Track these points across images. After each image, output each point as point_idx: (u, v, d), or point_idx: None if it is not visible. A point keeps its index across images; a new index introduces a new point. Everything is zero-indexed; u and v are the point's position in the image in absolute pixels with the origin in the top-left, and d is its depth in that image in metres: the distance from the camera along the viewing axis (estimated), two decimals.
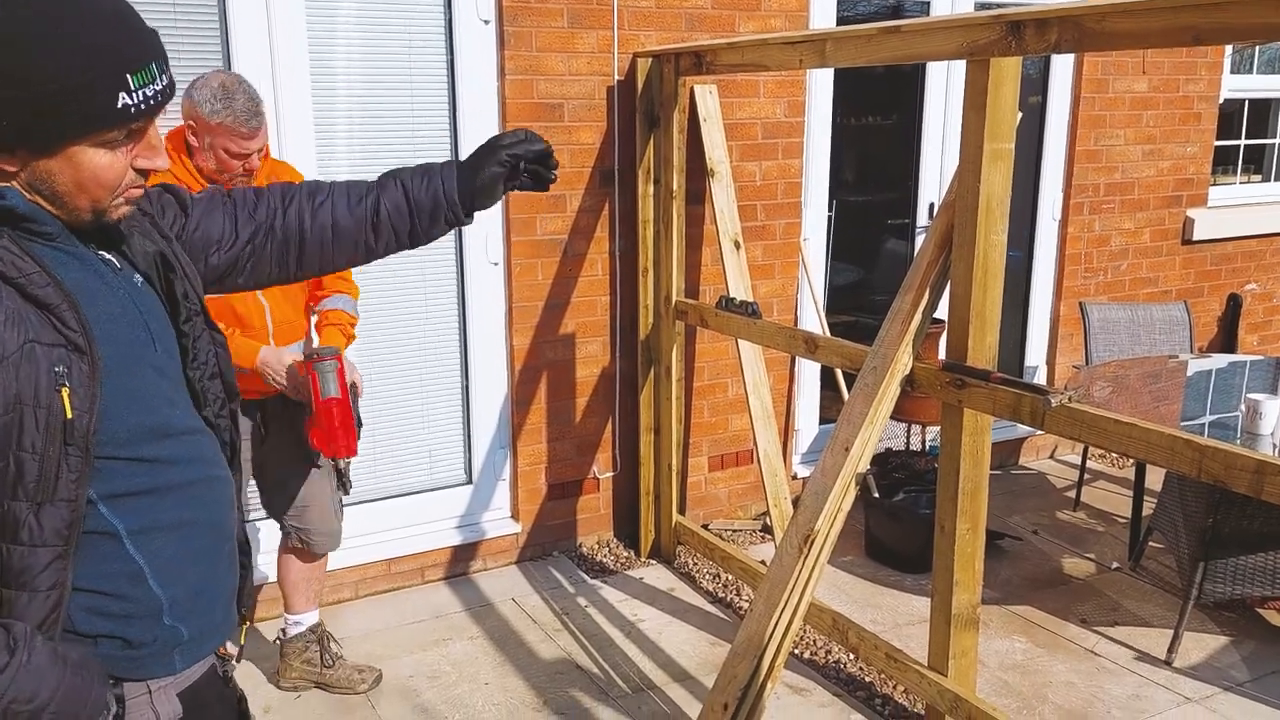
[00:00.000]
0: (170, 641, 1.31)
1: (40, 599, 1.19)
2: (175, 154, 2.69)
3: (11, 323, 1.13)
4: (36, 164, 1.18)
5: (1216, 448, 2.08)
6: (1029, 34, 2.29)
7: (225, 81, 2.64)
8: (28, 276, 1.15)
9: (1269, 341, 5.88)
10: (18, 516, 1.16)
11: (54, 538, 1.18)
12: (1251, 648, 3.48)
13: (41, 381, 1.14)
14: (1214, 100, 5.27)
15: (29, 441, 1.14)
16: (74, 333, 1.17)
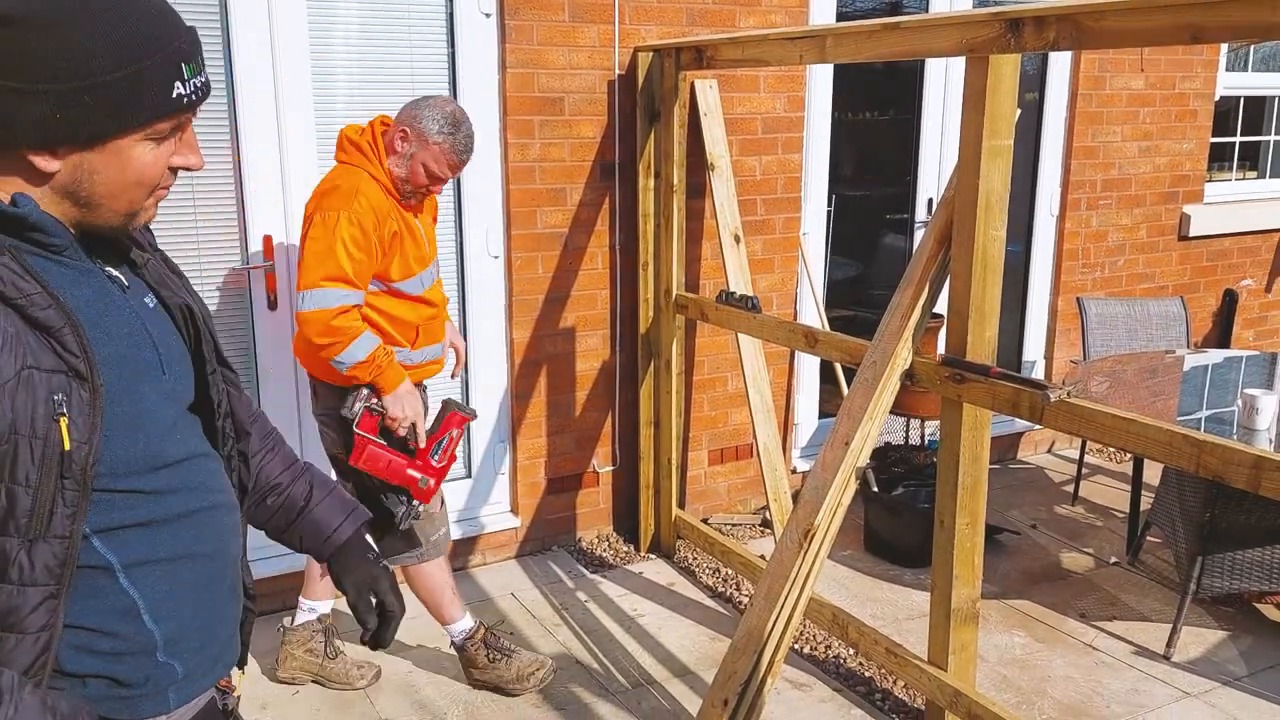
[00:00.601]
0: (164, 680, 1.24)
1: (29, 641, 1.11)
2: (373, 151, 2.80)
3: (9, 348, 1.06)
4: (82, 161, 1.13)
5: (1214, 443, 2.10)
6: (1028, 31, 2.30)
7: (455, 112, 2.83)
8: (29, 297, 1.09)
9: (1265, 337, 5.90)
10: (7, 553, 1.09)
11: (45, 576, 1.11)
12: (1249, 642, 3.50)
13: (39, 410, 1.07)
14: (1210, 97, 5.28)
15: (22, 474, 1.07)
16: (75, 358, 1.10)
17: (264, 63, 3.35)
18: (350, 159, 2.82)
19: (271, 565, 3.61)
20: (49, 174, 1.13)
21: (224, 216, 3.43)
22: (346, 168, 2.82)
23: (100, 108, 1.10)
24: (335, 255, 2.68)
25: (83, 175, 1.14)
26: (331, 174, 2.83)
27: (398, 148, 2.82)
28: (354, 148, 2.82)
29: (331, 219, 2.69)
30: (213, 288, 3.46)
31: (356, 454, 2.82)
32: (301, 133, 3.45)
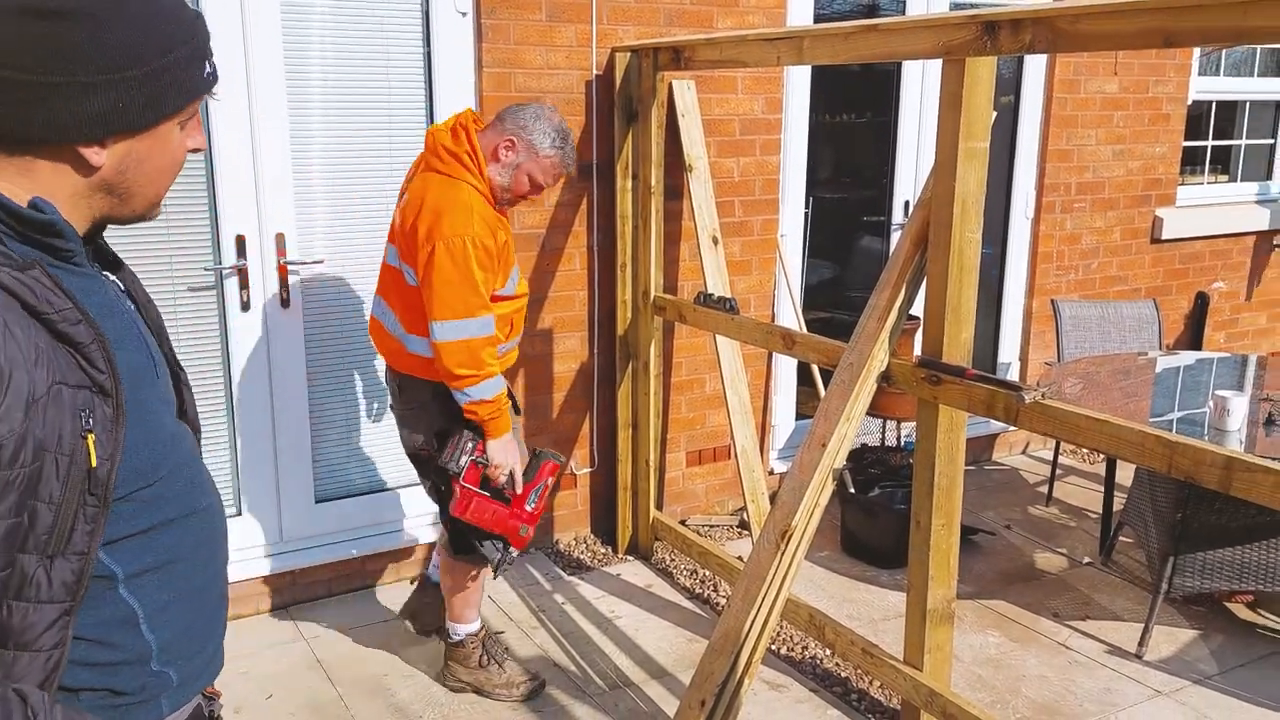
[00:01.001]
0: (158, 688, 1.23)
1: (41, 660, 1.09)
2: (473, 161, 2.76)
3: (42, 363, 1.04)
4: (130, 150, 1.14)
5: (1186, 444, 2.12)
6: (1004, 34, 2.31)
7: (563, 125, 2.88)
8: (60, 312, 1.07)
9: (1235, 339, 5.96)
10: (26, 571, 1.06)
11: (62, 592, 1.09)
12: (1220, 641, 3.53)
13: (66, 427, 1.05)
14: (1182, 101, 5.34)
15: (46, 491, 1.05)
16: (101, 374, 1.09)
17: (237, 60, 3.32)
18: (448, 169, 2.75)
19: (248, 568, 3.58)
20: (94, 168, 1.12)
21: (196, 216, 3.40)
22: (446, 180, 2.74)
23: (154, 93, 1.12)
24: (472, 283, 2.67)
25: (129, 164, 1.15)
26: (434, 189, 2.73)
27: (502, 157, 2.80)
28: (452, 157, 2.75)
29: (458, 247, 2.65)
30: (184, 288, 3.43)
31: (462, 506, 2.83)
32: (275, 131, 3.42)
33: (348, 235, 3.64)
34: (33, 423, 1.02)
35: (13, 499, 1.02)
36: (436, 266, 2.66)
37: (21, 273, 1.05)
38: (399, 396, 2.97)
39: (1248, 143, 5.93)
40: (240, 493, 3.61)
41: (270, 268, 3.50)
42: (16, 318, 1.03)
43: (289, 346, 3.58)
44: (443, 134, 2.78)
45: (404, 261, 2.79)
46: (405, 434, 2.99)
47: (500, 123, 2.84)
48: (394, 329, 2.89)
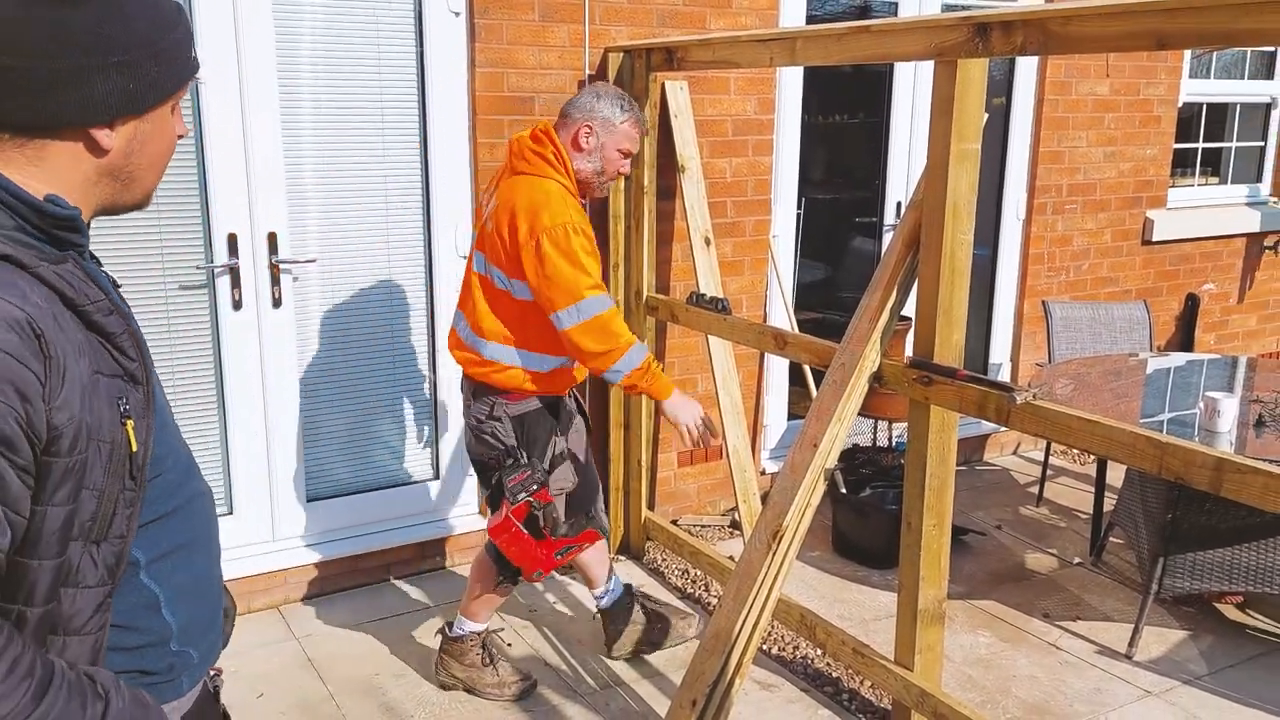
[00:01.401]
0: (182, 667, 1.28)
1: (89, 642, 1.13)
2: (558, 160, 2.83)
3: (83, 353, 1.07)
4: (135, 133, 1.17)
5: (1176, 445, 2.12)
6: (995, 36, 2.32)
7: (619, 91, 2.95)
8: (95, 304, 1.11)
9: (1225, 340, 5.99)
10: (73, 558, 1.09)
11: (105, 576, 1.13)
12: (1209, 641, 3.54)
13: (105, 415, 1.09)
14: (1173, 104, 5.36)
15: (92, 478, 1.08)
16: (133, 363, 1.14)
17: (229, 58, 3.31)
18: (535, 169, 2.82)
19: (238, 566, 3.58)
20: (104, 151, 1.15)
21: (187, 214, 3.39)
22: (535, 179, 2.81)
23: (155, 74, 1.15)
24: (580, 265, 2.72)
25: (135, 147, 1.18)
26: (523, 189, 2.79)
27: (584, 145, 2.88)
28: (537, 158, 2.82)
29: (560, 235, 2.71)
30: (175, 287, 3.42)
31: (500, 532, 2.88)
32: (267, 129, 3.41)
33: (340, 235, 3.64)
34: (85, 411, 1.06)
35: (70, 486, 1.05)
36: (545, 258, 2.72)
37: (58, 266, 1.09)
38: (470, 405, 2.99)
39: (1238, 145, 5.95)
40: (232, 491, 3.60)
41: (262, 267, 3.50)
42: (60, 310, 1.06)
43: (281, 346, 3.57)
44: (525, 139, 2.87)
45: (493, 265, 2.84)
46: (472, 441, 3.01)
47: (566, 119, 2.91)
48: (467, 336, 2.93)
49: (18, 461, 1.00)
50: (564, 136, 2.89)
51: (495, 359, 2.87)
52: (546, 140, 2.85)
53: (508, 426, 2.92)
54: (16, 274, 1.04)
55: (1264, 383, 3.95)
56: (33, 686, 1.00)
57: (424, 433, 3.94)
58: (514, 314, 2.85)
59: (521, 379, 2.88)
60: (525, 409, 2.93)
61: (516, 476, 2.87)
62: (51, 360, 1.02)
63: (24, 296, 1.02)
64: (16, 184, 1.09)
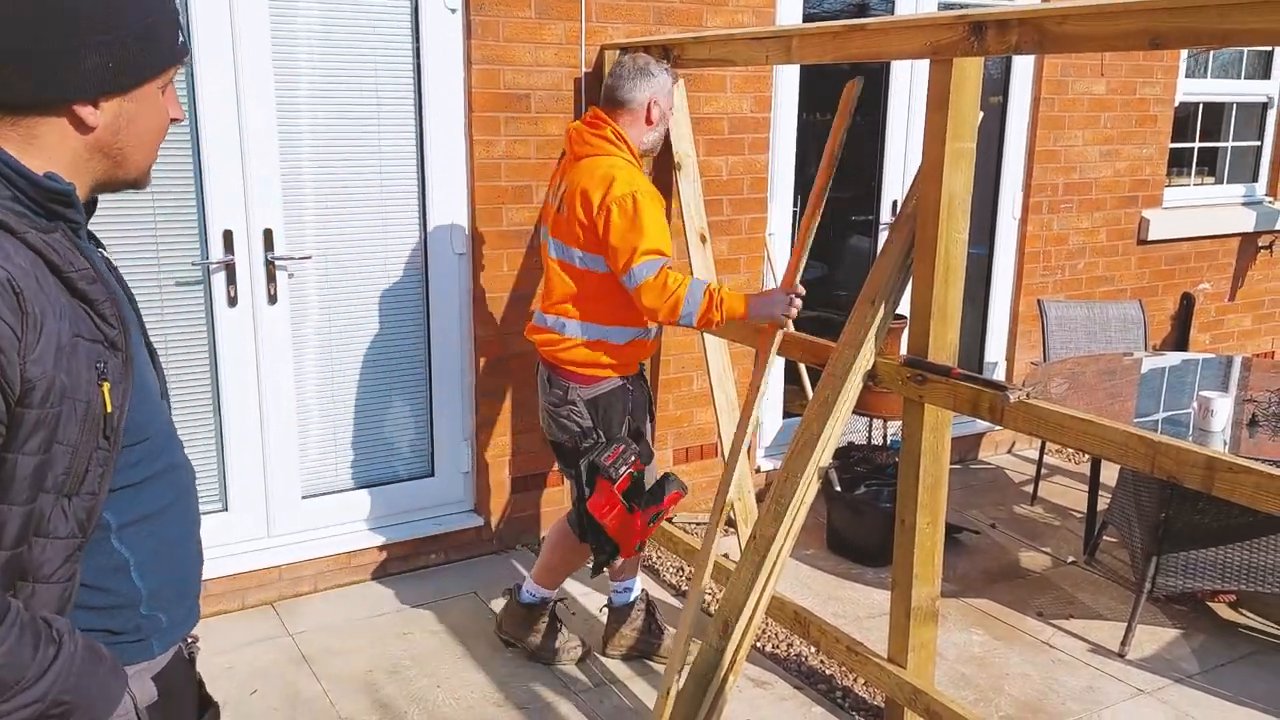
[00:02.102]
0: (150, 629, 1.33)
1: (55, 591, 1.19)
2: (619, 139, 3.00)
3: (64, 316, 1.14)
4: (120, 110, 1.22)
5: (1169, 444, 2.13)
6: (990, 35, 2.32)
7: (644, 58, 3.13)
8: (79, 271, 1.17)
9: (1220, 340, 6.00)
10: (43, 509, 1.15)
11: (75, 529, 1.19)
12: (1201, 640, 3.55)
13: (83, 376, 1.15)
14: (1169, 103, 5.36)
15: (65, 434, 1.14)
16: (113, 330, 1.20)
17: (225, 55, 3.31)
18: (598, 149, 2.99)
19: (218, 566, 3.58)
20: (90, 128, 1.20)
21: (183, 210, 3.39)
22: (598, 158, 2.97)
23: (137, 54, 1.21)
24: (644, 232, 2.85)
25: (121, 124, 1.23)
26: (590, 169, 2.95)
27: (654, 118, 3.07)
28: (599, 139, 2.99)
29: (629, 203, 2.86)
30: (171, 283, 3.41)
31: (605, 509, 2.98)
32: (263, 126, 3.41)
33: (336, 231, 3.63)
34: (59, 369, 1.12)
35: (42, 436, 1.12)
36: (612, 224, 2.87)
37: (46, 234, 1.16)
38: (547, 390, 3.11)
39: (1234, 145, 5.96)
40: (227, 488, 3.60)
41: (258, 263, 3.49)
42: (43, 274, 1.13)
43: (276, 342, 3.57)
44: (582, 127, 3.04)
45: (570, 247, 2.98)
46: (550, 426, 3.14)
47: (624, 105, 3.04)
48: (547, 320, 3.07)
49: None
50: (624, 119, 3.04)
51: (576, 336, 3.02)
52: (603, 123, 3.02)
53: (582, 409, 3.07)
54: (4, 237, 1.11)
55: (1258, 382, 3.96)
56: None
57: (419, 429, 3.94)
58: (594, 290, 2.99)
59: (599, 355, 3.03)
60: (598, 391, 3.07)
61: (611, 454, 3.01)
62: (28, 317, 1.09)
63: (7, 257, 1.10)
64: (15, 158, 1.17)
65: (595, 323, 3.01)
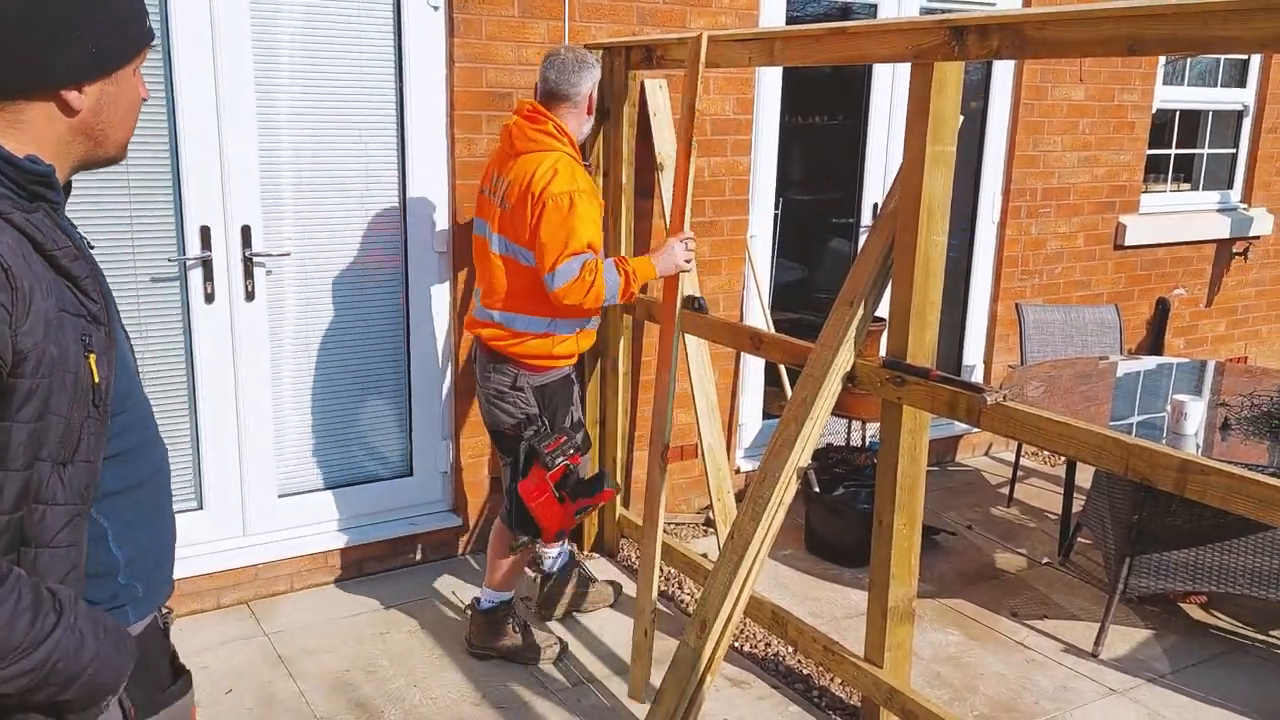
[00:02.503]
0: (127, 598, 1.36)
1: (59, 555, 1.23)
2: (560, 133, 3.05)
3: (50, 292, 1.18)
4: (102, 93, 1.26)
5: (1142, 446, 2.15)
6: (971, 40, 2.34)
7: (575, 48, 3.17)
8: (62, 249, 1.22)
9: (1195, 345, 6.06)
10: (41, 477, 1.20)
11: (74, 496, 1.23)
12: (1173, 641, 3.59)
13: (70, 349, 1.19)
14: (1147, 110, 5.42)
15: (56, 405, 1.18)
16: (95, 305, 1.25)
17: (204, 50, 3.29)
18: (543, 145, 3.02)
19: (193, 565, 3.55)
20: (75, 111, 1.25)
21: (160, 206, 3.36)
22: (540, 154, 3.01)
23: (118, 38, 1.27)
24: (574, 231, 2.92)
25: (103, 105, 1.28)
26: (531, 164, 2.99)
27: (592, 107, 3.15)
28: (541, 134, 3.03)
29: (565, 202, 2.92)
30: (147, 279, 3.39)
31: (535, 495, 3.04)
32: (242, 122, 3.39)
33: (315, 228, 3.62)
34: (49, 341, 1.16)
35: (35, 405, 1.16)
36: (545, 221, 2.93)
37: (29, 215, 1.20)
38: (491, 376, 3.16)
39: (1210, 152, 6.02)
40: (202, 487, 3.58)
41: (235, 260, 3.47)
42: (29, 252, 1.18)
43: (253, 340, 3.55)
44: (522, 122, 3.07)
45: (515, 244, 3.02)
46: (493, 412, 3.18)
47: (567, 99, 3.10)
48: (493, 315, 3.11)
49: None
50: (567, 114, 3.09)
51: (529, 330, 3.08)
52: (543, 118, 3.05)
53: (529, 396, 3.14)
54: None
55: (1231, 387, 4.00)
56: None
57: (397, 429, 3.93)
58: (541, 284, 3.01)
59: (551, 346, 3.10)
60: (546, 380, 3.16)
61: (552, 442, 3.08)
62: (17, 292, 1.13)
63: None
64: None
65: (545, 316, 3.06)
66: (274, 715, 3.03)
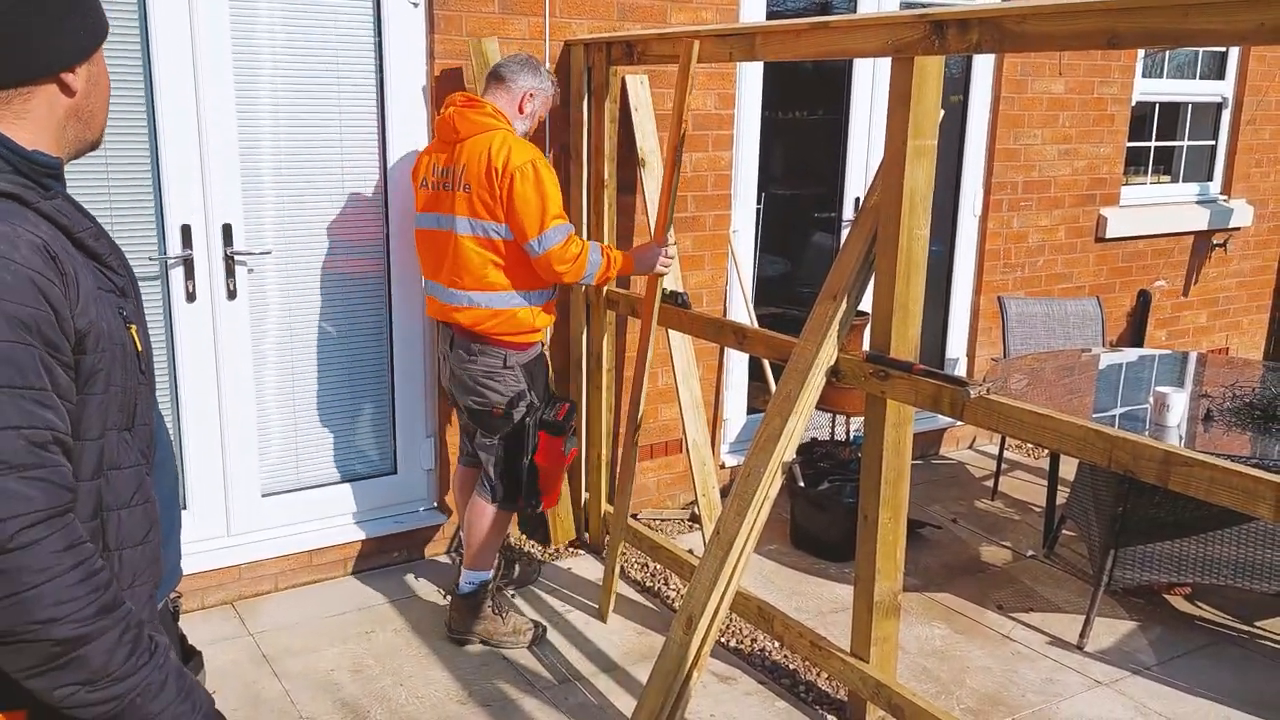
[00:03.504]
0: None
1: (138, 514, 1.31)
2: (499, 115, 3.14)
3: (87, 270, 1.24)
4: (89, 75, 1.29)
5: (1125, 438, 2.16)
6: (951, 34, 2.34)
7: (537, 60, 3.28)
8: (86, 230, 1.28)
9: (1176, 336, 6.10)
10: (111, 444, 1.27)
11: (139, 458, 1.32)
12: (1158, 632, 3.61)
13: (112, 322, 1.25)
14: (1126, 103, 5.44)
15: (114, 376, 1.25)
16: (121, 278, 1.32)
17: (183, 45, 3.26)
18: (481, 126, 3.10)
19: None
20: (73, 92, 1.28)
21: (140, 204, 3.34)
22: (492, 132, 3.09)
23: (94, 21, 1.29)
24: (548, 198, 3.04)
25: (90, 87, 1.31)
26: (483, 143, 3.06)
27: (526, 109, 3.21)
28: (482, 116, 3.12)
29: (529, 171, 3.02)
30: None
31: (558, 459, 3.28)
32: (223, 119, 3.36)
33: (296, 226, 3.59)
34: (100, 318, 1.23)
35: (101, 378, 1.23)
36: (517, 195, 3.02)
37: (51, 201, 1.25)
38: (474, 359, 3.20)
39: (1189, 144, 6.06)
40: (186, 487, 3.55)
41: (217, 258, 3.45)
42: (60, 237, 1.22)
43: (235, 339, 3.53)
44: (462, 110, 3.14)
45: (483, 221, 3.08)
46: (477, 393, 3.23)
47: (504, 82, 3.19)
48: (466, 297, 3.15)
49: (62, 359, 1.17)
50: (501, 98, 3.19)
51: (509, 306, 3.15)
52: (482, 104, 3.15)
53: (519, 374, 3.23)
54: (21, 210, 1.20)
55: (1213, 378, 4.03)
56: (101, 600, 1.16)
57: (381, 427, 3.91)
58: (515, 259, 3.11)
59: (531, 319, 3.19)
60: (531, 356, 3.27)
61: (559, 411, 3.28)
62: (67, 277, 1.19)
63: (36, 225, 1.20)
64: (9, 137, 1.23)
65: (522, 290, 3.15)
66: (259, 715, 3.02)
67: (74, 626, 1.13)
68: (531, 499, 3.33)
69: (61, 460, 1.17)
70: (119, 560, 1.28)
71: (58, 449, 1.16)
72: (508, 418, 3.23)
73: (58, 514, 1.14)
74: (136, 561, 1.31)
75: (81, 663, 1.14)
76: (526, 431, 3.24)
